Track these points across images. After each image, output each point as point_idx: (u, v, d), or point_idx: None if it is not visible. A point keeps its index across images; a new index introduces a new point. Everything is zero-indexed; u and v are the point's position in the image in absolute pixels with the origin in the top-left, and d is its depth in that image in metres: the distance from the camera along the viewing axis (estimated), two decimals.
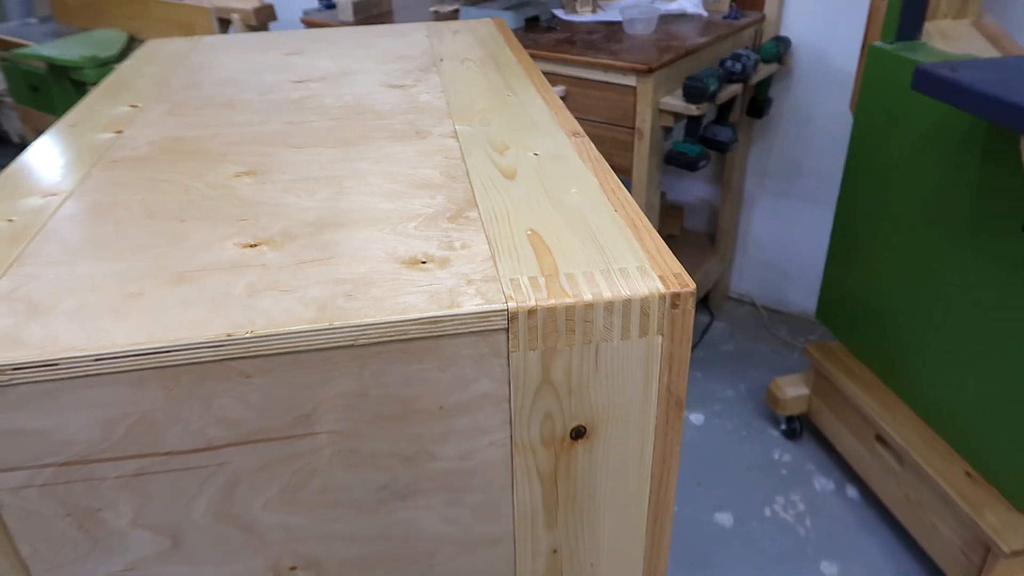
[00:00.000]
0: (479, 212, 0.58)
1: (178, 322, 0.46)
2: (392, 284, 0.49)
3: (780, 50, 1.86)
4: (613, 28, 1.81)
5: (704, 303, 2.34)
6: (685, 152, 1.68)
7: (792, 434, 1.82)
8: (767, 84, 1.94)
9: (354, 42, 1.10)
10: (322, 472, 0.51)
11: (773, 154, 2.13)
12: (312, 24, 2.08)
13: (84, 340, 0.45)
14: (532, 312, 0.47)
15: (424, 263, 0.51)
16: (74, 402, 0.45)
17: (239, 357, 0.45)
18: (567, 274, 0.50)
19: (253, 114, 0.81)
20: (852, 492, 1.67)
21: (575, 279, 0.49)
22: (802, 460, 1.76)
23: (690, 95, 1.57)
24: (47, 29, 2.83)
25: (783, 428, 1.83)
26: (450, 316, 0.47)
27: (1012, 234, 1.17)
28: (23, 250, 0.55)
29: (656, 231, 0.55)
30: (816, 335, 2.20)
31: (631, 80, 1.57)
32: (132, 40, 2.56)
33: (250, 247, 0.54)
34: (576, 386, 0.50)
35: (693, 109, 1.58)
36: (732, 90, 1.70)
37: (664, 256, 0.51)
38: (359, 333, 0.46)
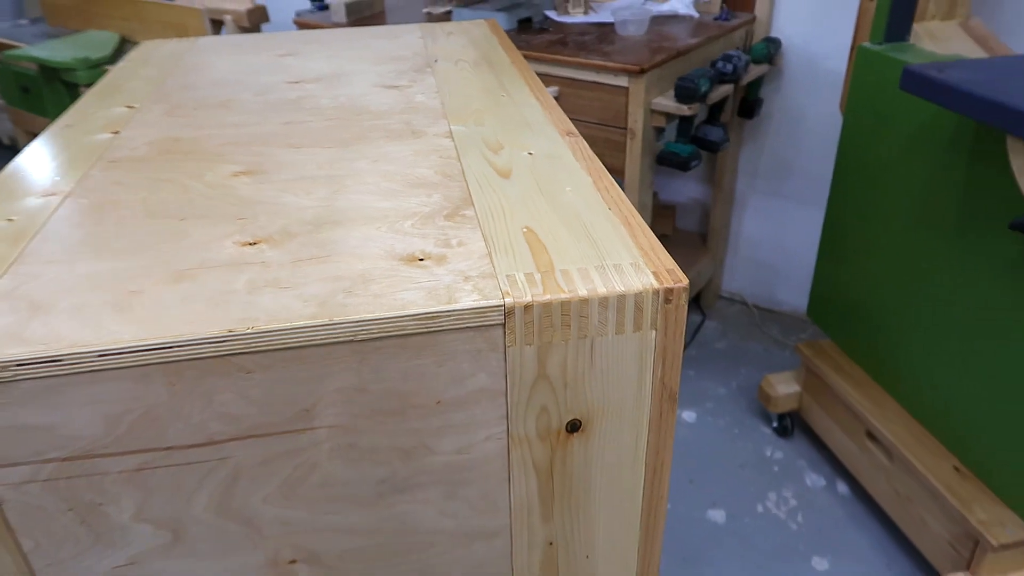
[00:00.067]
0: (475, 210, 0.59)
1: (179, 319, 0.47)
2: (390, 281, 0.50)
3: (771, 51, 1.88)
4: (605, 29, 1.83)
5: (696, 302, 2.35)
6: (677, 152, 1.69)
7: (784, 431, 1.83)
8: (758, 85, 1.95)
9: (348, 43, 1.11)
10: (322, 466, 0.52)
11: (764, 154, 2.14)
12: (305, 25, 2.08)
13: (87, 336, 0.45)
14: (528, 307, 0.48)
15: (422, 260, 0.52)
16: (77, 398, 0.46)
17: (240, 353, 0.46)
18: (562, 270, 0.51)
19: (249, 115, 0.82)
20: (843, 488, 1.69)
21: (570, 275, 0.50)
22: (794, 457, 1.78)
23: (682, 96, 1.59)
24: (38, 30, 2.82)
25: (775, 425, 1.85)
26: (448, 312, 0.47)
27: (1000, 233, 1.19)
28: (23, 249, 0.56)
29: (649, 228, 0.56)
30: (807, 333, 2.22)
31: (623, 81, 1.58)
32: (124, 41, 2.56)
33: (249, 245, 0.55)
34: (571, 380, 0.51)
35: (685, 109, 1.59)
36: (723, 91, 1.72)
37: (657, 252, 0.52)
38: (358, 329, 0.47)
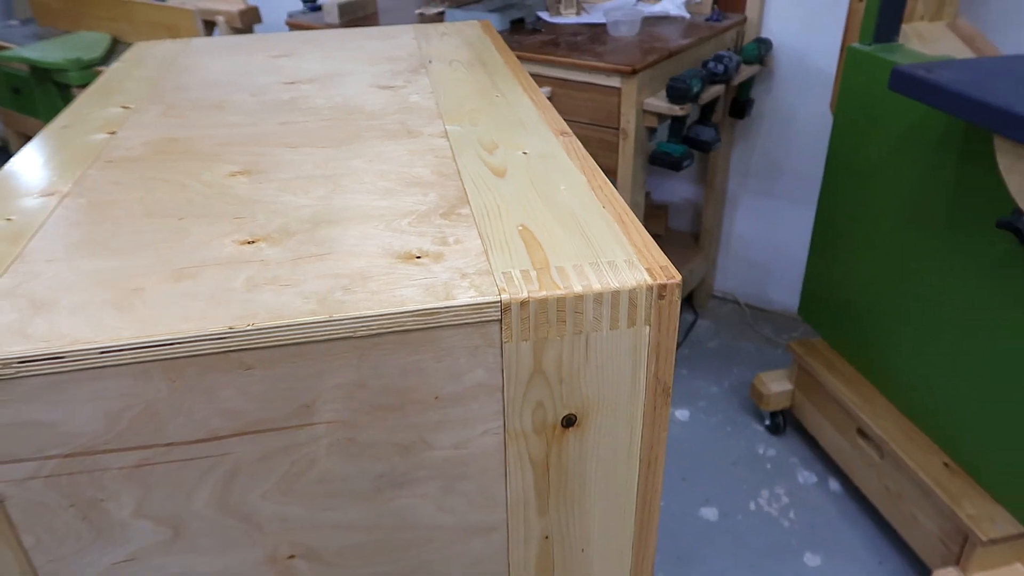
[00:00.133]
0: (471, 209, 0.59)
1: (180, 316, 0.47)
2: (388, 278, 0.51)
3: (761, 52, 1.89)
4: (597, 30, 1.84)
5: (689, 301, 2.37)
6: (669, 152, 1.71)
7: (776, 429, 1.85)
8: (749, 85, 1.97)
9: (342, 44, 1.11)
10: (321, 462, 0.53)
11: (755, 154, 2.16)
12: (298, 26, 2.08)
13: (89, 333, 0.46)
14: (524, 304, 0.49)
15: (419, 258, 0.53)
16: (79, 394, 0.46)
17: (241, 349, 0.47)
18: (558, 267, 0.51)
19: (245, 115, 0.83)
20: (834, 485, 1.70)
21: (565, 272, 0.51)
22: (786, 454, 1.79)
23: (673, 96, 1.60)
24: (28, 31, 2.82)
25: (767, 423, 1.86)
26: (445, 308, 0.48)
27: (988, 231, 1.20)
28: (23, 248, 0.56)
29: (643, 225, 0.56)
30: (799, 332, 2.23)
31: (615, 81, 1.59)
32: (115, 42, 2.56)
33: (248, 243, 0.55)
34: (567, 375, 0.52)
35: (677, 110, 1.60)
36: (715, 91, 1.73)
37: (651, 249, 0.53)
38: (357, 325, 0.47)
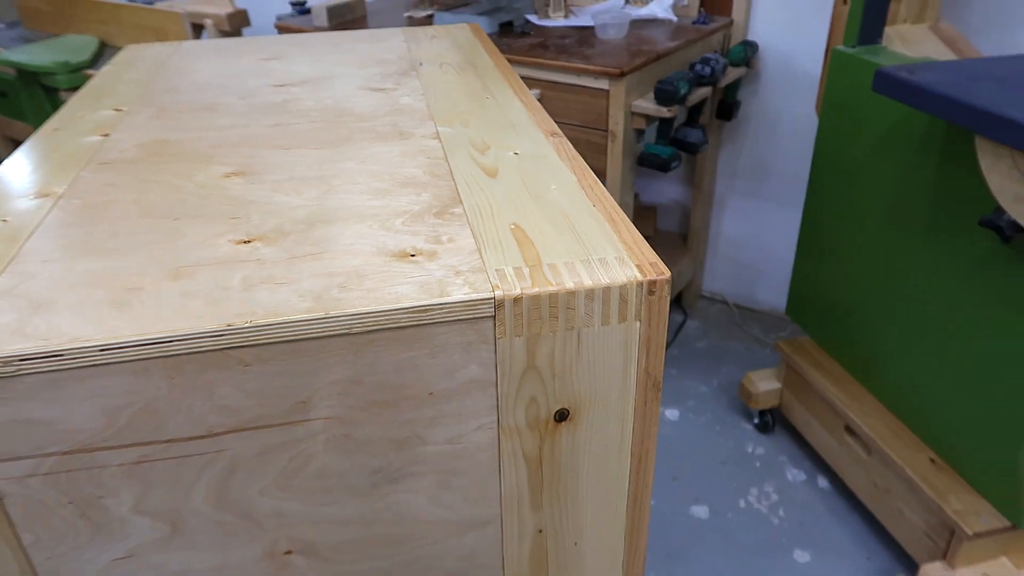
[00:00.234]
0: (464, 208, 0.60)
1: (178, 314, 0.48)
2: (383, 276, 0.51)
3: (748, 54, 1.91)
4: (585, 33, 1.85)
5: (677, 302, 2.38)
6: (657, 153, 1.72)
7: (765, 427, 1.86)
8: (735, 87, 1.99)
9: (332, 47, 1.12)
10: (317, 458, 0.53)
11: (742, 155, 2.18)
12: (286, 29, 2.09)
13: (87, 332, 0.46)
14: (517, 300, 0.50)
15: (413, 256, 0.54)
16: (78, 392, 0.47)
17: (239, 346, 0.47)
18: (550, 264, 0.52)
19: (237, 117, 0.83)
20: (823, 482, 1.72)
21: (557, 269, 0.52)
22: (775, 452, 1.81)
23: (661, 98, 1.61)
24: (15, 34, 2.80)
25: (756, 422, 1.88)
26: (440, 304, 0.49)
27: (970, 230, 1.22)
28: (20, 249, 0.56)
29: (632, 223, 0.58)
30: (787, 331, 2.25)
31: (604, 84, 1.61)
32: (103, 46, 2.55)
33: (244, 243, 0.56)
34: (559, 370, 0.53)
35: (664, 111, 1.62)
36: (702, 93, 1.75)
37: (640, 247, 0.54)
38: (353, 322, 0.48)
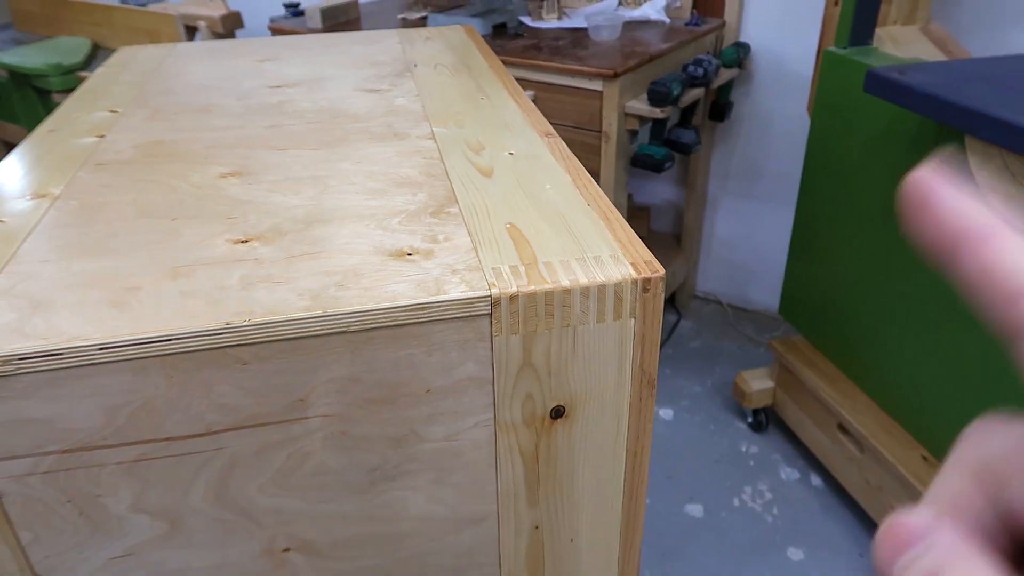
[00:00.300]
0: (459, 208, 0.61)
1: (177, 313, 0.48)
2: (380, 274, 0.52)
3: (740, 55, 1.92)
4: (579, 34, 1.86)
5: (671, 302, 2.39)
6: (651, 154, 1.73)
7: (758, 426, 1.87)
8: (728, 88, 2.00)
9: (327, 48, 1.12)
10: (315, 455, 0.54)
11: (735, 156, 2.19)
12: (280, 31, 2.09)
13: (87, 331, 0.47)
14: (514, 298, 0.50)
15: (410, 255, 0.54)
16: (78, 390, 0.47)
17: (237, 344, 0.48)
18: (545, 263, 0.53)
19: (232, 118, 0.83)
20: (816, 480, 1.73)
21: (553, 267, 0.52)
22: (768, 451, 1.82)
23: (654, 99, 1.62)
24: (7, 36, 2.80)
25: (749, 421, 1.89)
26: (437, 303, 0.49)
27: None
28: (17, 249, 0.57)
29: (627, 222, 0.58)
30: (780, 331, 2.26)
31: (597, 85, 1.61)
32: (96, 48, 2.55)
33: (241, 243, 0.56)
34: (555, 367, 0.54)
35: (658, 112, 1.63)
36: (695, 94, 1.76)
37: (635, 245, 0.55)
38: (351, 320, 0.49)
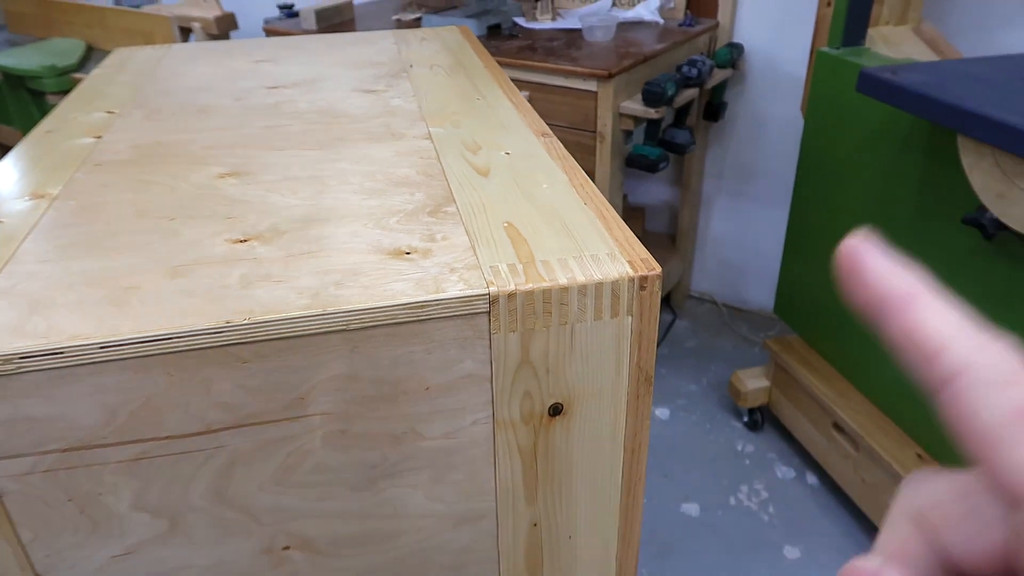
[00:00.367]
0: (457, 207, 0.61)
1: (177, 311, 0.49)
2: (379, 273, 0.52)
3: (734, 56, 1.93)
4: (573, 35, 1.86)
5: (666, 302, 2.40)
6: (645, 154, 1.74)
7: (754, 425, 1.88)
8: (722, 88, 2.01)
9: (323, 49, 1.13)
10: (315, 453, 0.54)
11: (729, 156, 2.20)
12: (275, 32, 2.09)
13: (87, 329, 0.47)
14: (512, 296, 0.51)
15: (408, 254, 0.55)
16: (78, 389, 0.47)
17: (237, 343, 0.48)
18: (543, 261, 0.53)
19: (230, 119, 0.84)
20: (812, 478, 1.74)
21: (550, 265, 0.53)
22: (764, 450, 1.82)
23: (649, 99, 1.63)
24: (0, 38, 2.79)
25: (745, 420, 1.89)
26: (436, 301, 0.50)
27: (954, 227, 1.24)
28: (16, 249, 0.57)
29: (623, 221, 0.59)
30: (775, 330, 2.27)
31: (592, 85, 1.62)
32: (90, 49, 2.54)
33: (240, 242, 0.57)
34: (553, 365, 0.54)
35: (652, 113, 1.64)
36: (689, 94, 1.76)
37: (631, 243, 0.55)
38: (350, 318, 0.49)
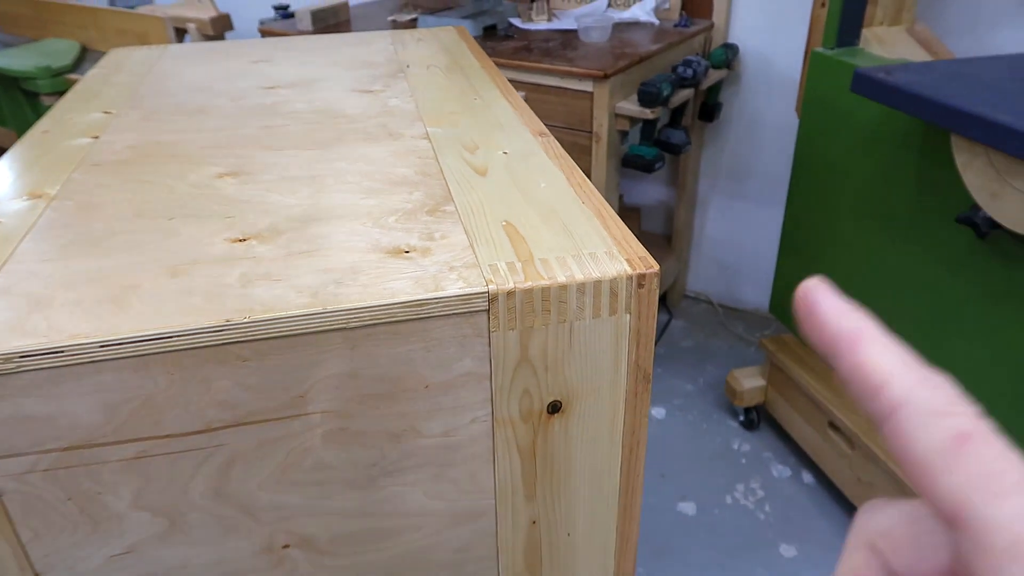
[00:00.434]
0: (455, 206, 0.61)
1: (177, 310, 0.49)
2: (379, 272, 0.52)
3: (729, 56, 1.94)
4: (569, 36, 1.87)
5: (662, 302, 2.40)
6: (641, 155, 1.74)
7: (750, 424, 1.89)
8: (717, 89, 2.01)
9: (320, 50, 1.13)
10: (314, 451, 0.54)
11: (724, 156, 2.21)
12: (270, 33, 2.09)
13: (87, 328, 0.47)
14: (511, 294, 0.51)
15: (407, 252, 0.55)
16: (78, 388, 0.47)
17: (237, 341, 0.48)
18: (541, 259, 0.54)
19: (227, 119, 0.84)
20: (808, 477, 1.74)
21: (549, 263, 0.53)
22: (760, 449, 1.83)
23: (644, 100, 1.63)
24: None
25: (741, 419, 1.90)
26: (435, 299, 0.50)
27: (948, 226, 1.25)
28: (15, 249, 0.57)
29: (620, 220, 0.59)
30: (770, 329, 2.28)
31: (588, 86, 1.62)
32: (85, 50, 2.54)
33: (240, 241, 0.57)
34: (552, 363, 0.54)
35: (648, 113, 1.64)
36: (684, 95, 1.77)
37: (629, 241, 0.56)
38: (351, 316, 0.49)
